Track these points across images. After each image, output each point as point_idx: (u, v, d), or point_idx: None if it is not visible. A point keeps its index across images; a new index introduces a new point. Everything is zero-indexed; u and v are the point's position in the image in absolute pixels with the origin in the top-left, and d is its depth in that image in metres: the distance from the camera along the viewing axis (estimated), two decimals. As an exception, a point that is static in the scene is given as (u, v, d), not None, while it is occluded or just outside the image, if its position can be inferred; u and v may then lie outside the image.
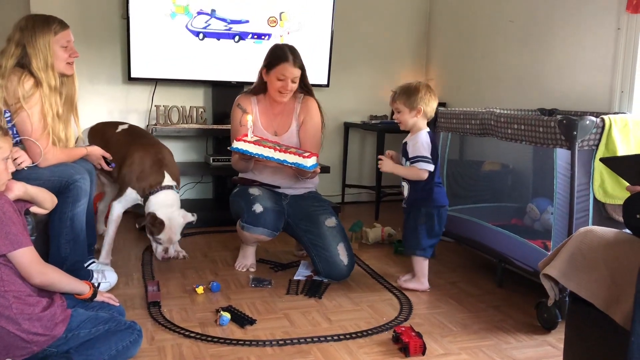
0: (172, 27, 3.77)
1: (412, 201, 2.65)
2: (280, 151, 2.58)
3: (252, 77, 2.99)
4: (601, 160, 1.85)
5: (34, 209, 1.95)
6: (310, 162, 2.58)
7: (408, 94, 2.59)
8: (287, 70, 2.72)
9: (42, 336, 1.65)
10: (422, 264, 2.65)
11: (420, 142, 2.57)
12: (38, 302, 1.69)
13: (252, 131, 2.67)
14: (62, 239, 2.37)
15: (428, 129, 2.62)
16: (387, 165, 2.63)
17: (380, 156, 2.68)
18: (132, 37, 3.68)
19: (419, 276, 2.66)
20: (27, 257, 1.68)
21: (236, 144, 2.62)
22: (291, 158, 2.58)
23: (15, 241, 1.66)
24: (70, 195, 2.34)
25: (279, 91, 2.75)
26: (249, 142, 2.61)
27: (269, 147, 2.59)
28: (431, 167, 2.56)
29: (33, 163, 2.29)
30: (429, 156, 2.56)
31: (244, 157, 2.67)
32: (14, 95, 2.26)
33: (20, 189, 1.85)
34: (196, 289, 2.52)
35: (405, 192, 2.65)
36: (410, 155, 2.59)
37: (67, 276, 1.86)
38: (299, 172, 2.73)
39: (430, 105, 2.59)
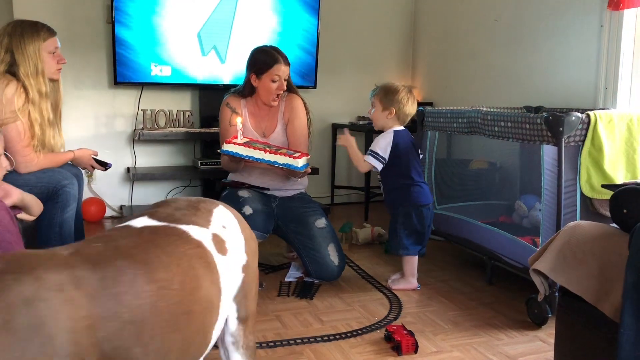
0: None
1: (390, 201, 2.67)
2: (270, 152, 2.58)
3: (239, 79, 2.99)
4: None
5: (21, 215, 1.94)
6: (300, 162, 2.58)
7: (386, 92, 2.60)
8: (280, 70, 2.73)
9: None
10: (410, 263, 2.65)
11: (381, 139, 2.60)
12: None
13: (242, 133, 2.66)
14: (51, 244, 2.35)
15: (400, 128, 2.62)
16: (346, 139, 2.64)
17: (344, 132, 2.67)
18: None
19: (407, 275, 2.67)
20: None
21: (226, 147, 2.61)
22: (281, 159, 2.58)
23: (9, 250, 1.65)
24: (59, 200, 2.33)
25: (275, 94, 2.76)
26: (238, 144, 2.60)
27: (259, 149, 2.59)
28: (377, 165, 2.59)
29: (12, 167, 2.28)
30: (382, 155, 2.58)
31: (234, 159, 2.67)
32: (0, 101, 2.26)
33: (18, 195, 1.85)
34: None
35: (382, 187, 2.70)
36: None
37: None
38: (290, 173, 2.73)
39: (404, 110, 2.59)
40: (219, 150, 2.66)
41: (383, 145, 2.59)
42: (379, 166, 2.60)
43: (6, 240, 1.65)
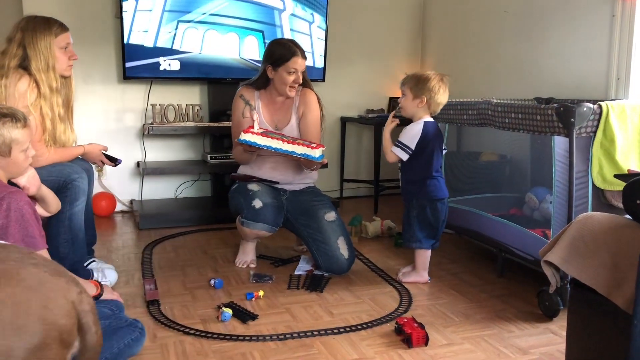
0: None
1: (405, 193, 2.65)
2: (288, 142, 2.58)
3: (249, 73, 2.99)
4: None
5: (36, 209, 1.96)
6: (318, 152, 2.59)
7: (416, 81, 2.53)
8: (297, 63, 2.74)
9: None
10: (422, 256, 2.64)
11: (410, 129, 2.55)
12: None
13: (258, 123, 2.67)
14: (61, 238, 2.37)
15: (430, 119, 2.57)
16: (387, 127, 2.61)
17: (393, 118, 2.63)
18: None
19: (419, 268, 2.66)
20: None
21: (244, 136, 2.61)
22: (299, 149, 2.59)
23: (30, 244, 1.70)
24: (68, 194, 2.34)
25: (291, 85, 2.76)
26: (257, 133, 2.60)
27: (277, 139, 2.60)
28: (403, 156, 2.54)
29: None
30: (409, 145, 2.53)
31: (248, 149, 2.66)
32: (13, 95, 2.27)
33: (37, 187, 1.92)
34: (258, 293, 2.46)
35: (400, 179, 2.67)
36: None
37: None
38: (306, 164, 2.73)
39: (436, 99, 2.52)
40: (237, 140, 2.64)
41: (411, 135, 2.53)
42: (405, 157, 2.55)
43: (29, 235, 1.68)
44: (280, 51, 2.75)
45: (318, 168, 2.83)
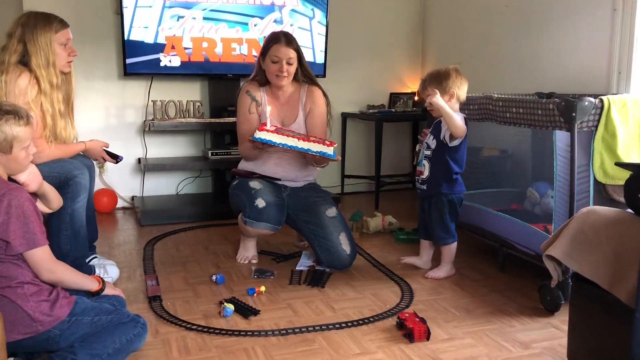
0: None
1: (430, 189, 2.64)
2: (303, 140, 2.58)
3: (250, 70, 2.99)
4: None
5: (37, 205, 1.96)
6: (332, 150, 2.60)
7: (439, 80, 2.57)
8: (279, 51, 2.71)
9: (47, 316, 1.70)
10: (453, 250, 2.67)
11: (456, 115, 2.54)
12: (46, 288, 1.76)
13: (270, 121, 2.67)
14: (62, 234, 2.37)
15: (462, 114, 2.59)
16: (438, 98, 2.51)
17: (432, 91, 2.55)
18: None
19: (449, 262, 2.67)
20: (39, 256, 1.72)
21: (259, 134, 2.58)
22: (315, 147, 2.58)
23: (31, 240, 1.70)
24: (69, 191, 2.35)
25: (276, 75, 2.75)
26: (271, 131, 2.59)
27: (291, 136, 2.59)
28: (465, 130, 2.51)
29: None
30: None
31: (260, 147, 2.65)
32: (13, 92, 2.27)
33: (38, 184, 1.93)
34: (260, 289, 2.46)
35: (426, 172, 2.64)
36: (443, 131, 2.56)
37: (77, 274, 1.89)
38: (319, 161, 2.72)
39: (462, 89, 2.59)
40: (251, 137, 2.62)
41: (461, 116, 2.55)
42: (465, 130, 2.51)
43: (30, 232, 1.69)
44: (267, 38, 2.78)
45: (327, 165, 2.84)
